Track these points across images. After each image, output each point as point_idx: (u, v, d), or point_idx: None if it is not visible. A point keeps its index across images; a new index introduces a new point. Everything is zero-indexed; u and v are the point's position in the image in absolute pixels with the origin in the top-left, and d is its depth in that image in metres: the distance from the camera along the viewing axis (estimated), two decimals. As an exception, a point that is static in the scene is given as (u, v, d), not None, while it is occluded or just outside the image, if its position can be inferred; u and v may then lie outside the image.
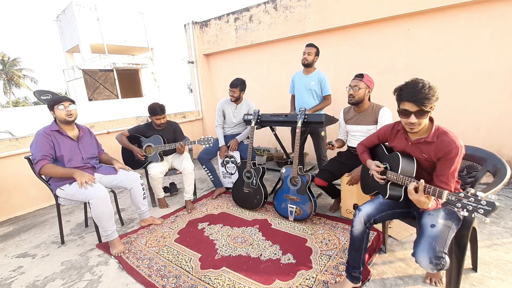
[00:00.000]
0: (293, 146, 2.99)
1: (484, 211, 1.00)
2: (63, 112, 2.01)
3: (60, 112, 2.01)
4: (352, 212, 2.33)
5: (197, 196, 3.14)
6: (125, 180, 2.28)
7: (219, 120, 3.12)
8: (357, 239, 1.51)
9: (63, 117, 2.02)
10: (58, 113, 2.01)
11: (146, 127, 2.79)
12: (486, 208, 1.00)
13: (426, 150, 1.37)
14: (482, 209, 1.01)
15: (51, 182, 2.09)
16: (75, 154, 2.10)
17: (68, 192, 2.01)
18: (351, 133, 2.24)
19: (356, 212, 1.53)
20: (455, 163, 1.29)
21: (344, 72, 3.44)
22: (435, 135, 1.34)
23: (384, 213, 1.52)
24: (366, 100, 2.10)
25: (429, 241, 1.24)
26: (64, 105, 2.01)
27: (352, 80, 2.07)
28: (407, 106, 1.29)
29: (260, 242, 2.09)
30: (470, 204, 1.05)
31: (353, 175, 2.15)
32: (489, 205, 0.99)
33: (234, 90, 2.89)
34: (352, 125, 2.20)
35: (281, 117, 2.55)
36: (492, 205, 0.99)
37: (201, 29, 4.75)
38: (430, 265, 1.20)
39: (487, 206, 1.00)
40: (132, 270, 1.86)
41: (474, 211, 1.03)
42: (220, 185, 3.16)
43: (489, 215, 0.99)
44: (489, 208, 0.99)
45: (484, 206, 1.01)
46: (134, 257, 2.01)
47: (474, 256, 1.64)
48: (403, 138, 1.48)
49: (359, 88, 2.03)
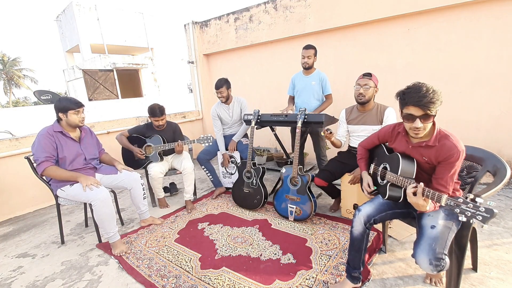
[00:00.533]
0: (293, 146, 2.99)
1: (483, 217, 0.99)
2: (78, 118, 2.04)
3: (74, 118, 2.03)
4: (352, 212, 2.33)
5: (197, 196, 3.14)
6: (126, 180, 2.28)
7: (217, 125, 3.09)
8: (357, 240, 1.51)
9: (76, 122, 2.04)
10: (72, 118, 2.02)
11: (146, 127, 2.79)
12: (485, 215, 0.99)
13: (426, 154, 1.37)
14: (480, 216, 1.00)
15: (52, 182, 2.09)
16: (78, 155, 2.10)
17: (69, 193, 2.01)
18: (355, 133, 2.23)
19: (356, 212, 1.53)
20: (455, 167, 1.29)
21: (344, 72, 3.44)
22: (437, 139, 1.33)
23: (384, 213, 1.52)
24: (372, 99, 2.09)
25: (429, 243, 1.23)
26: (79, 111, 2.03)
27: (361, 79, 2.04)
28: (412, 111, 1.27)
29: (260, 242, 2.09)
30: (468, 210, 1.04)
31: (355, 174, 2.15)
32: (488, 212, 0.98)
33: (221, 90, 2.87)
34: (356, 126, 2.19)
35: (281, 117, 2.55)
36: (491, 212, 0.98)
37: (201, 29, 4.76)
38: (430, 267, 1.19)
39: (485, 213, 0.99)
40: (132, 270, 1.86)
41: (472, 217, 1.02)
42: (220, 185, 3.16)
43: (487, 222, 0.98)
44: (488, 215, 0.98)
45: (483, 213, 1.00)
46: (134, 257, 2.01)
47: (474, 256, 1.64)
48: (404, 141, 1.47)
49: (369, 87, 2.01)
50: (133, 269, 1.86)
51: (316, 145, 2.95)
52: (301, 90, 2.94)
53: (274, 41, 3.99)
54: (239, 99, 3.05)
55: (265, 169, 2.62)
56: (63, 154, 2.02)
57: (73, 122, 2.03)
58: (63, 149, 2.02)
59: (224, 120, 3.10)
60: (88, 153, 2.18)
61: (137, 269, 1.86)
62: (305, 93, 2.90)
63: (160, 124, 2.67)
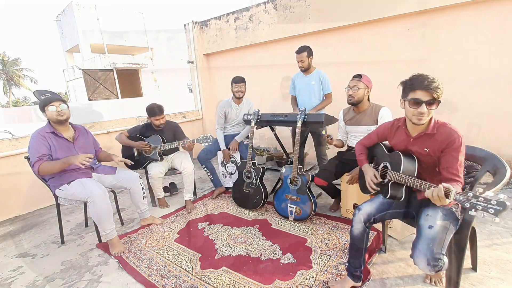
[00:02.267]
0: (294, 145, 3.01)
1: (495, 210, 0.98)
2: (54, 113, 1.98)
3: (51, 113, 1.98)
4: (352, 212, 2.33)
5: (197, 196, 3.14)
6: (124, 179, 2.28)
7: (220, 122, 3.10)
8: (357, 239, 1.51)
9: (54, 117, 1.99)
10: (49, 114, 1.99)
11: (145, 127, 2.78)
12: (497, 208, 0.97)
13: (428, 144, 1.37)
14: (492, 209, 0.98)
15: (50, 182, 2.08)
16: (72, 155, 2.10)
17: (67, 192, 2.01)
18: (352, 134, 2.24)
19: (356, 211, 1.53)
20: (461, 153, 1.29)
21: (344, 71, 3.41)
22: (435, 127, 1.35)
23: (384, 212, 1.53)
24: (365, 100, 2.10)
25: (427, 243, 1.23)
26: (55, 105, 1.98)
27: (351, 81, 2.08)
28: (420, 95, 1.29)
29: (260, 242, 2.09)
30: (479, 204, 1.02)
31: (353, 174, 2.15)
32: (500, 205, 0.97)
33: (242, 85, 2.90)
34: (352, 126, 2.20)
35: (281, 117, 2.55)
36: (503, 204, 0.96)
37: (201, 29, 4.75)
38: (428, 267, 1.19)
39: (497, 206, 0.97)
40: (132, 270, 1.86)
41: (484, 210, 1.00)
42: (220, 184, 3.16)
43: (499, 214, 0.97)
44: (500, 208, 0.96)
45: (495, 206, 0.98)
46: (134, 257, 2.01)
47: (473, 256, 1.64)
48: (404, 134, 1.48)
49: (358, 88, 2.03)
50: (133, 269, 1.86)
51: (317, 145, 2.95)
52: (302, 90, 2.94)
53: (274, 41, 3.99)
54: (249, 101, 3.08)
55: (265, 169, 2.62)
56: (57, 155, 1.99)
57: (52, 117, 1.98)
58: (56, 150, 2.00)
59: (229, 118, 3.09)
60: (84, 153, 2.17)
61: (137, 269, 1.86)
62: (306, 92, 2.91)
63: (161, 123, 2.67)
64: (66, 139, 2.08)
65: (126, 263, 1.94)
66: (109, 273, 1.86)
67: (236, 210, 2.68)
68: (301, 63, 2.81)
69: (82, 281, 1.80)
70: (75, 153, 2.08)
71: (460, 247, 1.36)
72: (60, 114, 2.00)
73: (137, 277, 1.78)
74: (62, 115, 2.01)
